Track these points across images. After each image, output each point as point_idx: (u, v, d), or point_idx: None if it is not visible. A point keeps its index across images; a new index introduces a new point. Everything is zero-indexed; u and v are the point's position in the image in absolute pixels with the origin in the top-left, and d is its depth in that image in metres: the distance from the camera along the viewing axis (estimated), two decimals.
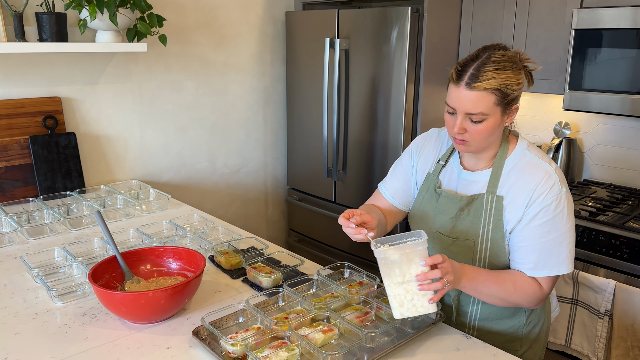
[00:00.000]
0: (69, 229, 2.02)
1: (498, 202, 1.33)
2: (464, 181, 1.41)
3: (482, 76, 1.23)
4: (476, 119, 1.27)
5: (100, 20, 2.24)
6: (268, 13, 3.18)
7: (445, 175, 1.45)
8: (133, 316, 1.35)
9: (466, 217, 1.37)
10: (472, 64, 1.25)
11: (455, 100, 1.27)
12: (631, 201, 2.40)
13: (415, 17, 2.58)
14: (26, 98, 2.35)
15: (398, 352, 1.26)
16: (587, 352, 2.14)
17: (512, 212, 1.32)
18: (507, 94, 1.25)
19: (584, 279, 2.09)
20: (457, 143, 1.33)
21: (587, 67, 2.30)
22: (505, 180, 1.34)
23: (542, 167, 1.31)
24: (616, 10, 2.16)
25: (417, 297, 1.20)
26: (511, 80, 1.25)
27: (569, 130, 2.69)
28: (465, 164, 1.43)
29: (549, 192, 1.27)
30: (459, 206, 1.38)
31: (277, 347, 1.19)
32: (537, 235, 1.29)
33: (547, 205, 1.27)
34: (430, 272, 1.17)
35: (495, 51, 1.27)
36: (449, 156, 1.46)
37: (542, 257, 1.29)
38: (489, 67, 1.23)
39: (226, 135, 3.15)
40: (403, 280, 1.19)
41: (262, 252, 1.78)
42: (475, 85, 1.23)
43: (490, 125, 1.27)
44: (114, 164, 2.70)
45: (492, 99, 1.24)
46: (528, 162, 1.33)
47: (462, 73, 1.25)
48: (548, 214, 1.28)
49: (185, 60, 2.86)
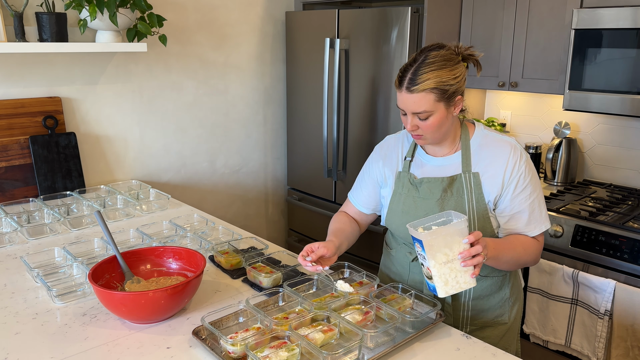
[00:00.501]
0: (69, 229, 2.02)
1: (476, 179, 1.46)
2: (437, 167, 1.52)
3: (418, 79, 1.35)
4: (422, 116, 1.39)
5: (100, 20, 2.24)
6: (268, 13, 3.18)
7: (416, 168, 1.55)
8: (133, 316, 1.35)
9: (450, 197, 1.47)
10: (410, 69, 1.38)
11: (402, 103, 1.41)
12: (631, 201, 2.40)
13: (415, 17, 2.58)
14: (26, 98, 2.35)
15: (398, 352, 1.26)
16: (587, 352, 2.14)
17: (491, 184, 1.45)
18: (445, 90, 1.37)
19: (584, 279, 2.09)
20: (416, 138, 1.47)
21: (587, 67, 2.30)
22: (476, 158, 1.48)
23: (505, 141, 1.48)
24: (616, 10, 2.16)
25: (460, 273, 1.27)
26: (447, 77, 1.37)
27: (569, 130, 2.69)
28: (431, 153, 1.55)
29: (519, 161, 1.44)
30: (442, 187, 1.48)
31: (277, 347, 1.19)
32: (523, 200, 1.45)
33: (523, 172, 1.44)
34: (473, 248, 1.25)
35: (429, 52, 1.39)
36: (414, 151, 1.58)
37: (532, 217, 1.46)
38: (423, 70, 1.36)
39: (226, 135, 3.15)
40: (447, 259, 1.25)
41: (262, 252, 1.78)
42: (414, 89, 1.36)
43: (437, 119, 1.40)
44: (114, 164, 2.70)
45: (431, 97, 1.36)
46: (492, 139, 1.49)
47: (402, 78, 1.39)
48: (526, 180, 1.44)
49: (185, 60, 2.87)
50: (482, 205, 1.46)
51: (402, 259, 1.61)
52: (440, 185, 1.48)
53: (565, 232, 2.20)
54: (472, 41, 2.78)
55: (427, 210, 1.48)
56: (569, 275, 2.14)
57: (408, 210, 1.53)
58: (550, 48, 2.49)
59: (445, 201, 1.47)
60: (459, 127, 1.51)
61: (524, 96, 2.96)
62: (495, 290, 1.54)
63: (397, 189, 1.56)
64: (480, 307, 1.54)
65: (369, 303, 1.37)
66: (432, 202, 1.48)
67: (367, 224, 1.72)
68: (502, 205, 1.46)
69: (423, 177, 1.52)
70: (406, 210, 1.53)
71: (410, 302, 1.43)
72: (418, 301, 1.43)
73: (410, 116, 1.41)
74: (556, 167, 2.71)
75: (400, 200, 1.55)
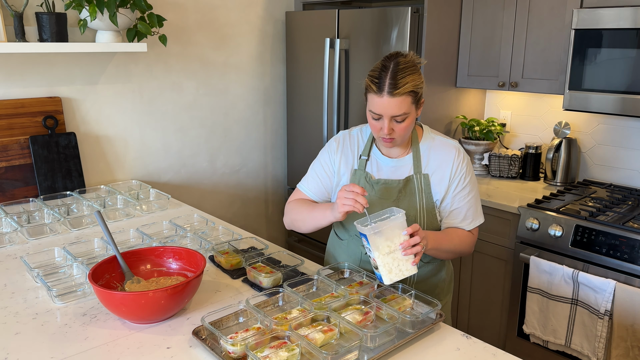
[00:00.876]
0: (69, 229, 2.02)
1: (426, 180, 1.60)
2: (391, 168, 1.63)
3: (399, 83, 1.44)
4: (400, 119, 1.48)
5: (100, 20, 2.25)
6: (268, 13, 3.18)
7: (371, 167, 1.65)
8: (133, 316, 1.35)
9: (404, 198, 1.60)
10: (386, 74, 1.45)
11: (381, 107, 1.47)
12: (631, 201, 2.40)
13: (415, 17, 2.59)
14: (26, 98, 2.35)
15: (398, 352, 1.26)
16: (587, 352, 2.14)
17: (439, 185, 1.60)
18: (417, 92, 1.49)
19: (584, 279, 2.10)
20: (385, 141, 1.54)
21: (587, 67, 2.30)
22: (426, 160, 1.61)
23: (451, 144, 1.62)
24: (616, 10, 2.16)
25: (402, 262, 1.41)
26: (419, 81, 1.48)
27: (569, 130, 2.69)
28: (385, 153, 1.65)
29: (462, 163, 1.60)
30: (398, 189, 1.60)
31: (277, 347, 1.19)
32: (462, 198, 1.61)
33: (464, 173, 1.60)
34: (412, 239, 1.40)
35: (398, 59, 1.48)
36: (369, 150, 1.66)
37: (468, 213, 1.63)
38: (402, 75, 1.44)
39: (226, 135, 3.15)
40: (390, 250, 1.40)
41: (262, 252, 1.78)
42: (396, 92, 1.44)
43: (410, 121, 1.51)
44: (114, 164, 2.70)
45: (409, 100, 1.47)
46: (439, 142, 1.63)
47: (381, 84, 1.45)
48: (466, 180, 1.60)
49: (185, 60, 2.87)
50: (431, 203, 1.61)
51: (355, 250, 1.70)
52: (397, 187, 1.60)
53: (565, 232, 2.21)
54: (472, 41, 2.78)
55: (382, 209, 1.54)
56: (569, 275, 2.14)
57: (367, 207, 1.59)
58: (550, 48, 2.49)
59: (400, 201, 1.60)
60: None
61: (524, 96, 2.96)
62: (435, 274, 1.72)
63: None
64: (423, 288, 1.69)
65: (369, 303, 1.37)
66: (388, 202, 1.59)
67: None
68: (445, 201, 1.61)
69: (380, 178, 1.62)
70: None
71: (410, 302, 1.43)
72: (418, 301, 1.43)
73: (387, 120, 1.48)
74: (556, 167, 2.71)
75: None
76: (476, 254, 2.61)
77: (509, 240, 2.46)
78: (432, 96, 2.78)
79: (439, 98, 2.83)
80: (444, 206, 1.62)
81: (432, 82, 2.75)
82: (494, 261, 2.54)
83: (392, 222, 1.39)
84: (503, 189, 2.68)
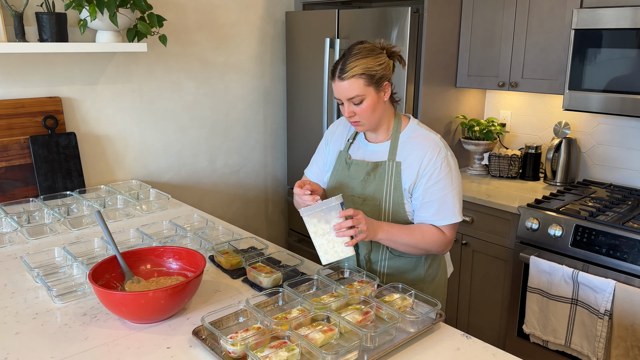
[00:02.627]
0: (69, 229, 2.02)
1: (397, 167, 1.63)
2: (370, 152, 1.70)
3: (347, 67, 1.53)
4: (356, 100, 1.55)
5: (100, 20, 2.25)
6: (268, 13, 3.19)
7: (354, 150, 1.74)
8: (133, 316, 1.35)
9: (373, 180, 1.66)
10: (339, 62, 1.56)
11: (337, 92, 1.57)
12: (631, 201, 2.40)
13: (415, 17, 2.59)
14: (26, 98, 2.35)
15: (398, 352, 1.26)
16: (587, 352, 2.14)
17: (408, 174, 1.62)
18: (372, 75, 1.53)
19: (584, 279, 2.10)
20: (354, 125, 1.63)
21: (587, 67, 2.30)
22: (402, 149, 1.64)
23: (430, 137, 1.63)
24: (616, 10, 2.16)
25: (337, 244, 1.48)
26: (372, 64, 1.53)
27: (568, 130, 2.69)
28: (369, 139, 1.72)
29: (437, 156, 1.59)
30: (366, 170, 1.67)
31: (277, 347, 1.19)
32: (434, 192, 1.59)
33: (438, 167, 1.59)
34: (344, 222, 1.46)
35: (355, 46, 1.57)
36: (356, 134, 1.75)
37: (440, 209, 1.60)
38: (350, 60, 1.53)
39: (226, 135, 3.15)
40: (324, 232, 1.48)
41: (262, 252, 1.78)
42: (344, 76, 1.53)
43: (370, 103, 1.56)
44: (114, 164, 2.70)
45: (361, 82, 1.53)
46: (419, 134, 1.65)
47: (334, 71, 1.56)
48: (441, 174, 1.59)
49: (185, 60, 2.87)
50: (399, 192, 1.63)
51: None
52: (365, 168, 1.67)
53: (565, 232, 2.21)
54: (472, 41, 2.79)
55: (353, 187, 1.69)
56: (569, 275, 2.14)
57: (339, 185, 1.73)
58: (550, 48, 2.49)
59: (368, 183, 1.66)
60: (392, 116, 1.67)
61: (524, 96, 2.96)
62: (410, 270, 1.72)
63: (336, 166, 1.76)
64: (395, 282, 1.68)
65: (369, 303, 1.37)
66: (356, 182, 1.69)
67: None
68: (417, 193, 1.62)
69: (354, 159, 1.72)
70: (337, 186, 1.74)
71: (410, 302, 1.43)
72: (418, 301, 1.43)
73: (347, 103, 1.57)
74: (556, 167, 2.71)
75: (335, 177, 1.75)
76: (476, 254, 2.61)
77: (509, 240, 2.46)
78: (432, 96, 2.78)
79: (439, 98, 2.83)
80: (416, 197, 1.62)
81: (432, 82, 2.75)
82: (494, 261, 2.54)
83: (326, 205, 1.47)
84: (503, 189, 2.68)
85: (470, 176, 2.94)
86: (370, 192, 1.66)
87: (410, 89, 2.67)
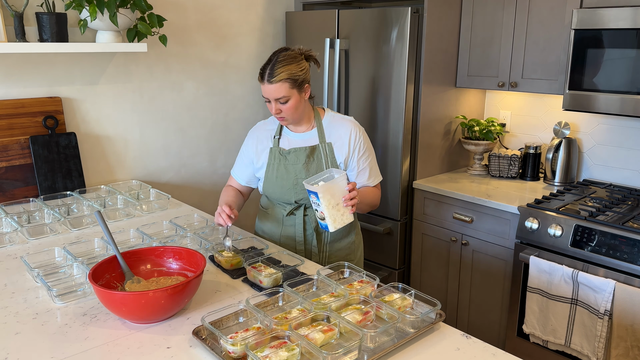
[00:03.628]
0: (69, 229, 2.03)
1: (330, 147, 1.95)
2: (300, 139, 1.98)
3: (275, 73, 1.79)
4: (282, 100, 1.83)
5: (100, 20, 2.25)
6: (268, 13, 3.19)
7: (284, 143, 1.99)
8: (133, 316, 1.35)
9: (313, 162, 1.95)
10: (268, 67, 1.82)
11: (265, 93, 1.84)
12: (631, 201, 2.40)
13: (415, 17, 2.59)
14: (26, 98, 2.35)
15: (398, 352, 1.26)
16: (587, 352, 2.14)
17: (340, 151, 1.95)
18: (295, 79, 1.82)
19: (584, 279, 2.10)
20: (280, 120, 1.91)
21: (587, 67, 2.30)
22: (328, 132, 1.97)
23: (347, 119, 2.00)
24: (616, 10, 2.17)
25: (344, 212, 1.74)
26: (295, 70, 1.82)
27: (568, 130, 2.69)
28: (294, 130, 1.99)
29: (358, 134, 1.96)
30: (305, 154, 1.94)
31: (277, 347, 1.19)
32: (364, 161, 1.98)
33: (362, 141, 1.97)
34: (352, 193, 1.75)
35: (280, 53, 1.84)
36: (280, 131, 2.01)
37: (371, 173, 2.01)
38: (277, 66, 1.80)
39: (226, 135, 3.15)
40: (335, 203, 1.72)
41: (262, 252, 1.78)
42: (273, 80, 1.80)
43: (294, 102, 1.85)
44: (114, 164, 2.70)
45: (286, 86, 1.81)
46: (338, 118, 2.00)
47: (263, 74, 1.82)
48: (364, 147, 1.97)
49: (185, 60, 2.87)
50: (335, 166, 1.95)
51: (277, 215, 2.04)
52: (304, 153, 1.94)
53: (565, 232, 2.21)
54: (472, 41, 2.79)
55: (296, 173, 1.94)
56: (569, 275, 2.14)
57: (282, 175, 1.96)
58: (550, 48, 2.49)
59: (310, 164, 1.94)
60: (311, 110, 1.98)
61: (524, 96, 2.96)
62: (345, 236, 2.06)
63: (270, 161, 1.98)
64: (335, 248, 2.05)
65: (369, 303, 1.37)
66: (299, 167, 1.94)
67: (249, 194, 2.17)
68: (352, 164, 1.97)
69: (290, 147, 1.96)
70: (280, 176, 1.97)
71: (410, 302, 1.43)
72: (418, 301, 1.43)
73: (274, 102, 1.84)
74: (556, 167, 2.71)
75: (274, 169, 1.97)
76: (476, 254, 2.61)
77: (509, 240, 2.46)
78: (432, 96, 2.78)
79: (439, 98, 2.83)
80: (352, 167, 1.98)
81: (432, 82, 2.75)
82: (494, 261, 2.54)
83: (337, 181, 1.72)
84: (503, 189, 2.68)
85: (470, 176, 2.94)
86: (313, 172, 1.93)
87: (410, 89, 2.68)
